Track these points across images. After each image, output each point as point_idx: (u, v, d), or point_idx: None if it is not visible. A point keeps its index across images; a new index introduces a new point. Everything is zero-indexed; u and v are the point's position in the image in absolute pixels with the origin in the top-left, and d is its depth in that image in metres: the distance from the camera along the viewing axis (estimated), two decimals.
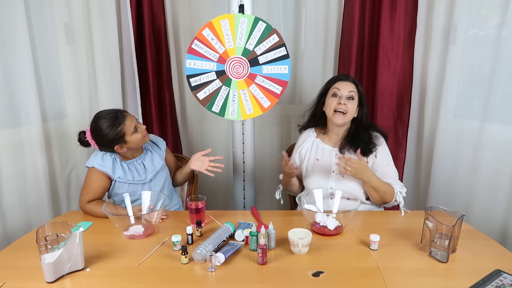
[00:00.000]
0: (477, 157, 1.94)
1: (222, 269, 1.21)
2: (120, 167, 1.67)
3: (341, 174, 1.68)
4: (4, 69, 1.80)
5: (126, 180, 1.67)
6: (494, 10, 1.88)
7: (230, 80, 1.86)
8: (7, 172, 1.85)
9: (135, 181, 1.68)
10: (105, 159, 1.65)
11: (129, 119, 1.62)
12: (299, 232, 1.32)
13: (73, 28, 2.04)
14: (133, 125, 1.61)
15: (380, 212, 1.75)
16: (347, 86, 1.67)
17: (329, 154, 1.75)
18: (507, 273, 1.16)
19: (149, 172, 1.73)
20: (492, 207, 1.90)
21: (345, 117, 1.65)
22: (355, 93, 1.67)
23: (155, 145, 1.83)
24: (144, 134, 1.67)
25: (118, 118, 1.59)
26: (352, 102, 1.66)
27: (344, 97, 1.65)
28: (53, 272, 1.14)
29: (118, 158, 1.68)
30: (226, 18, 1.78)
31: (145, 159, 1.75)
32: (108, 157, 1.66)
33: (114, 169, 1.65)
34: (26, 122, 1.88)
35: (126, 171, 1.68)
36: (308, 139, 1.82)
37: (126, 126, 1.59)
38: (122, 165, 1.68)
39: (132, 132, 1.61)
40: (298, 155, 1.83)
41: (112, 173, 1.64)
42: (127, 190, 1.66)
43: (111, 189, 1.69)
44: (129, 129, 1.60)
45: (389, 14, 2.09)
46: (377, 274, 1.18)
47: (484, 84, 1.90)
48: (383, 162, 1.69)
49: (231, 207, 2.18)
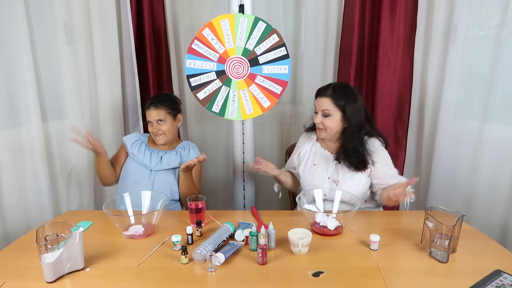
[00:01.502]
0: (477, 157, 1.94)
1: (222, 269, 1.21)
2: (138, 147, 1.85)
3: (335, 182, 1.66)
4: (4, 69, 1.80)
5: (136, 158, 1.82)
6: (494, 10, 1.88)
7: (230, 80, 1.86)
8: (7, 172, 1.85)
9: (143, 163, 1.81)
10: (133, 136, 1.91)
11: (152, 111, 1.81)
12: (299, 232, 1.32)
13: (73, 28, 2.04)
14: (151, 119, 1.82)
15: (380, 212, 1.75)
16: (322, 103, 1.63)
17: (326, 160, 1.73)
18: (507, 273, 1.16)
19: (161, 166, 1.82)
20: (492, 207, 1.90)
21: (326, 132, 1.65)
22: (330, 110, 1.61)
23: (188, 151, 1.90)
24: (154, 133, 1.83)
25: (150, 103, 1.83)
26: (329, 119, 1.62)
27: (319, 115, 1.65)
28: (53, 272, 1.14)
29: (145, 142, 1.89)
30: (226, 18, 1.78)
31: (166, 154, 1.85)
32: (136, 136, 1.91)
33: (133, 145, 1.85)
34: (26, 122, 1.88)
35: (141, 152, 1.84)
36: (309, 141, 1.82)
37: (148, 113, 1.83)
38: (142, 146, 1.85)
39: (148, 123, 1.84)
40: (297, 156, 1.83)
41: (129, 146, 1.85)
42: (133, 170, 1.82)
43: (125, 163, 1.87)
44: (148, 119, 1.84)
45: (389, 14, 2.09)
46: (377, 274, 1.18)
47: (484, 84, 1.90)
48: (382, 168, 1.64)
49: (231, 207, 2.18)
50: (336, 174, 1.68)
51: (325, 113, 1.63)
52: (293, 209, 2.08)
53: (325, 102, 1.63)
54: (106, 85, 2.16)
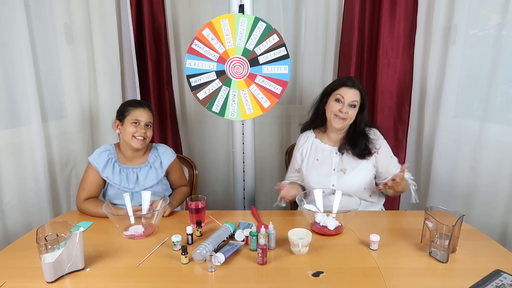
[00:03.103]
0: (477, 157, 1.94)
1: (222, 269, 1.21)
2: (111, 168, 1.65)
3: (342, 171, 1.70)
4: (4, 69, 1.80)
5: (113, 183, 1.64)
6: (494, 10, 1.88)
7: (230, 80, 1.86)
8: (7, 172, 1.85)
9: (121, 187, 1.64)
10: (102, 155, 1.67)
11: (142, 112, 1.66)
12: (299, 232, 1.32)
13: (73, 28, 2.04)
14: (140, 119, 1.64)
15: (380, 212, 1.75)
16: (352, 94, 1.66)
17: (329, 153, 1.76)
18: (507, 273, 1.16)
19: (139, 186, 1.66)
20: (492, 207, 1.90)
21: (344, 123, 1.67)
22: (357, 101, 1.67)
23: (159, 159, 1.73)
24: (137, 136, 1.62)
25: (139, 103, 1.69)
26: (353, 110, 1.67)
27: (346, 104, 1.65)
28: (53, 272, 1.14)
29: (115, 159, 1.68)
30: (226, 18, 1.78)
31: (141, 171, 1.68)
32: (105, 155, 1.67)
33: (105, 167, 1.64)
34: (26, 122, 1.88)
35: (115, 174, 1.64)
36: (308, 141, 1.83)
37: (135, 111, 1.65)
38: (115, 166, 1.66)
39: (132, 122, 1.63)
40: (300, 155, 1.83)
41: (101, 170, 1.63)
42: (117, 193, 1.63)
43: (105, 188, 1.70)
44: (134, 117, 1.64)
45: (389, 14, 2.09)
46: (377, 274, 1.18)
47: (484, 84, 1.90)
48: (386, 156, 1.72)
49: (231, 207, 2.18)
50: (341, 164, 1.72)
51: (352, 104, 1.66)
52: (293, 209, 2.08)
53: (355, 94, 1.66)
54: (106, 85, 2.16)
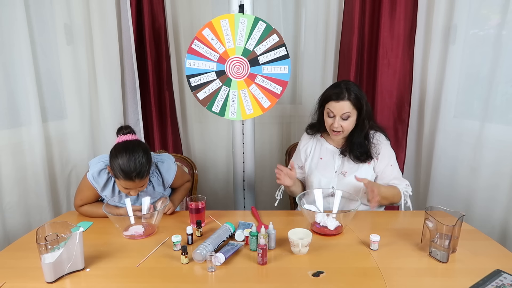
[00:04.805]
0: (477, 157, 1.94)
1: (222, 269, 1.21)
2: (111, 187, 1.57)
3: (342, 173, 1.70)
4: (4, 69, 1.80)
5: (112, 201, 1.56)
6: (494, 10, 1.88)
7: (230, 80, 1.86)
8: (7, 172, 1.85)
9: (121, 204, 1.58)
10: (102, 174, 1.54)
11: (132, 184, 1.42)
12: (299, 232, 1.32)
13: (73, 28, 2.04)
14: (132, 187, 1.45)
15: (380, 212, 1.75)
16: (341, 107, 1.59)
17: (332, 154, 1.76)
18: (507, 273, 1.16)
19: (139, 202, 1.59)
20: (492, 207, 1.90)
21: (343, 134, 1.66)
22: (350, 112, 1.60)
23: (161, 178, 1.63)
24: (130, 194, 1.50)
25: (129, 177, 1.40)
26: (348, 121, 1.61)
27: (338, 118, 1.61)
28: (53, 272, 1.14)
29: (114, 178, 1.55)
30: (226, 18, 1.78)
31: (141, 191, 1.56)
32: (105, 174, 1.55)
33: (104, 187, 1.56)
34: (26, 122, 1.88)
35: (115, 192, 1.58)
36: (313, 138, 1.83)
37: (127, 182, 1.42)
38: (115, 187, 1.56)
39: (123, 187, 1.47)
40: (304, 153, 1.83)
41: (100, 190, 1.56)
42: None
43: None
44: (124, 185, 1.44)
45: (389, 14, 2.09)
46: (377, 274, 1.18)
47: (484, 84, 1.90)
48: (384, 162, 1.69)
49: (231, 207, 2.18)
50: (342, 166, 1.72)
51: (345, 116, 1.60)
52: (293, 209, 2.08)
53: (345, 106, 1.59)
54: (106, 85, 2.16)
